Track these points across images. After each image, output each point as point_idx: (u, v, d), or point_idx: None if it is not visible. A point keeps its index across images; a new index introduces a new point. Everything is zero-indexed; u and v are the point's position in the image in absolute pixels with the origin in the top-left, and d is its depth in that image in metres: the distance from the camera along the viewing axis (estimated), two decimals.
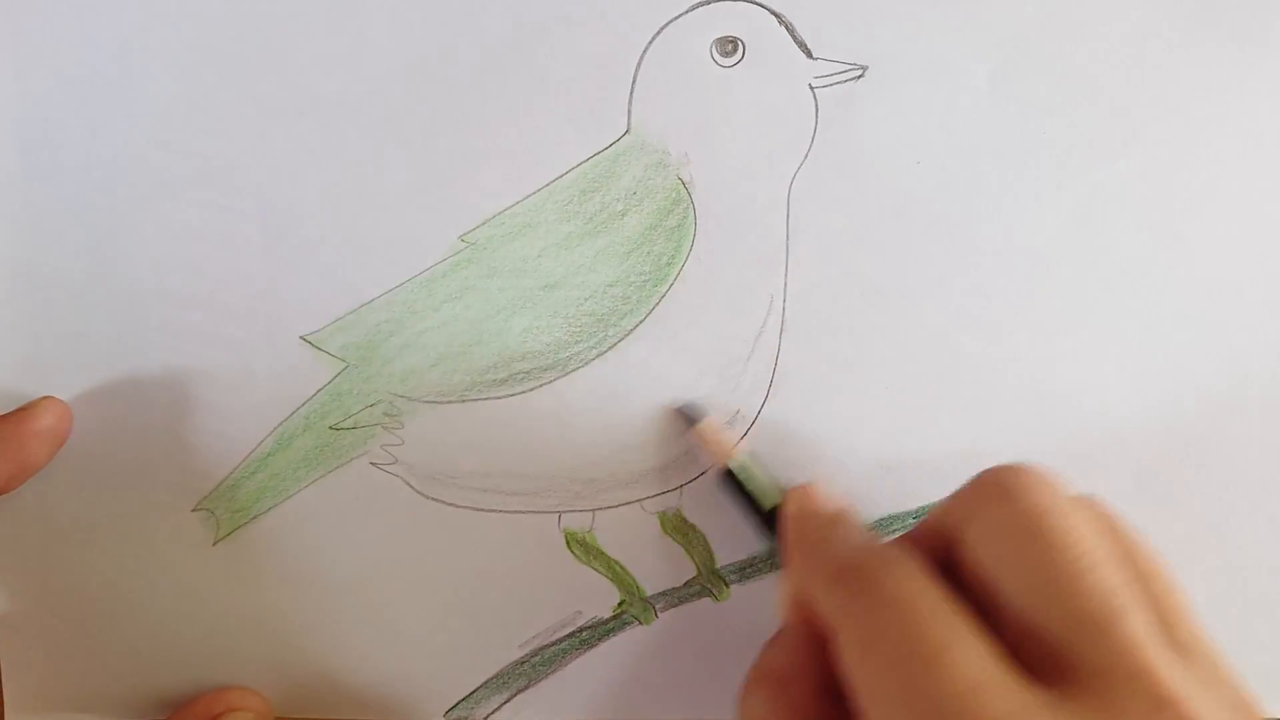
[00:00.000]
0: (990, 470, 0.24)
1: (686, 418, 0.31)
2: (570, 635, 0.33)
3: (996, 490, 0.24)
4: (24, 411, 0.30)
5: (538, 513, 0.32)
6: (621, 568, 0.32)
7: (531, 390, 0.31)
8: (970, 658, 0.21)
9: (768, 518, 0.29)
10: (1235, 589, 0.32)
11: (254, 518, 0.32)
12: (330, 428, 0.31)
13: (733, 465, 0.30)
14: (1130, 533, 0.24)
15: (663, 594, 0.32)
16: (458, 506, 0.32)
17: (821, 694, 0.25)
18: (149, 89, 0.30)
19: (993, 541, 0.23)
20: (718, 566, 0.32)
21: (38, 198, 0.30)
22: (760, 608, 0.32)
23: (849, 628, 0.23)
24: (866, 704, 0.22)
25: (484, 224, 0.31)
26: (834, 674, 0.24)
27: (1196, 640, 0.22)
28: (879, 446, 0.32)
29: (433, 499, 0.32)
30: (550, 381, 0.31)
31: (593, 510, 0.32)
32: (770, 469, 0.31)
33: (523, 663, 0.33)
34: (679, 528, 0.32)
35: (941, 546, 0.25)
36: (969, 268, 0.31)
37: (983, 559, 0.23)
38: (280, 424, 0.31)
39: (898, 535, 0.27)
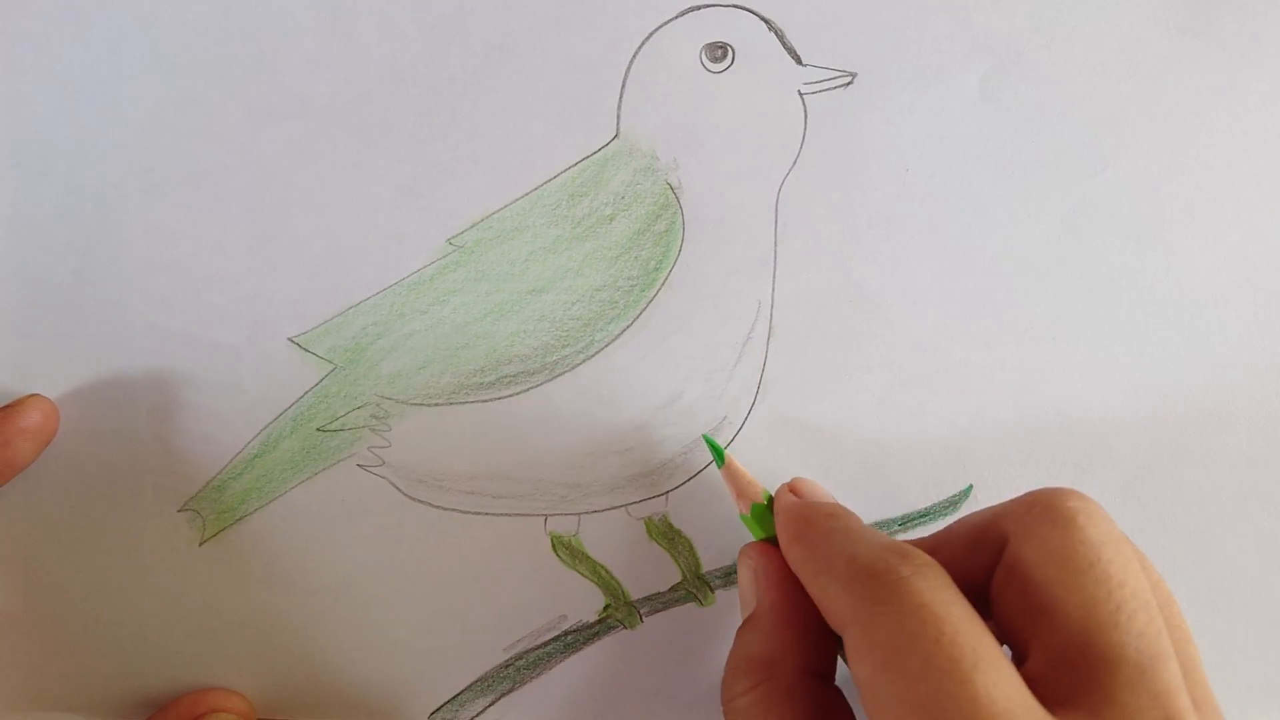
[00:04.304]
0: (1048, 492, 0.24)
1: (713, 451, 0.31)
2: (555, 639, 0.33)
3: (1058, 514, 0.23)
4: (10, 409, 0.30)
5: (524, 516, 0.32)
6: (607, 572, 0.32)
7: (518, 394, 0.31)
8: (1001, 680, 0.20)
9: None
10: (1220, 599, 0.32)
11: (240, 519, 0.32)
12: (317, 429, 0.31)
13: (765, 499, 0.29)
14: (1161, 580, 0.24)
15: (648, 598, 0.32)
16: (444, 509, 0.32)
17: (808, 674, 0.25)
18: (138, 91, 0.30)
19: (1047, 564, 0.22)
20: (703, 572, 0.32)
21: (27, 198, 0.30)
22: None
23: (868, 632, 0.22)
24: (878, 711, 0.21)
25: (472, 227, 0.31)
26: (818, 655, 0.24)
27: (1209, 698, 0.22)
28: (865, 453, 0.32)
29: (419, 501, 0.32)
30: (537, 385, 0.31)
31: (579, 514, 0.32)
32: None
33: (508, 665, 0.33)
34: (665, 533, 0.32)
35: (966, 558, 0.24)
36: (957, 275, 0.31)
37: (1032, 579, 0.22)
38: (267, 425, 0.31)
39: (913, 539, 0.27)
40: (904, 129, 0.31)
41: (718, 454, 0.30)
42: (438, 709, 0.33)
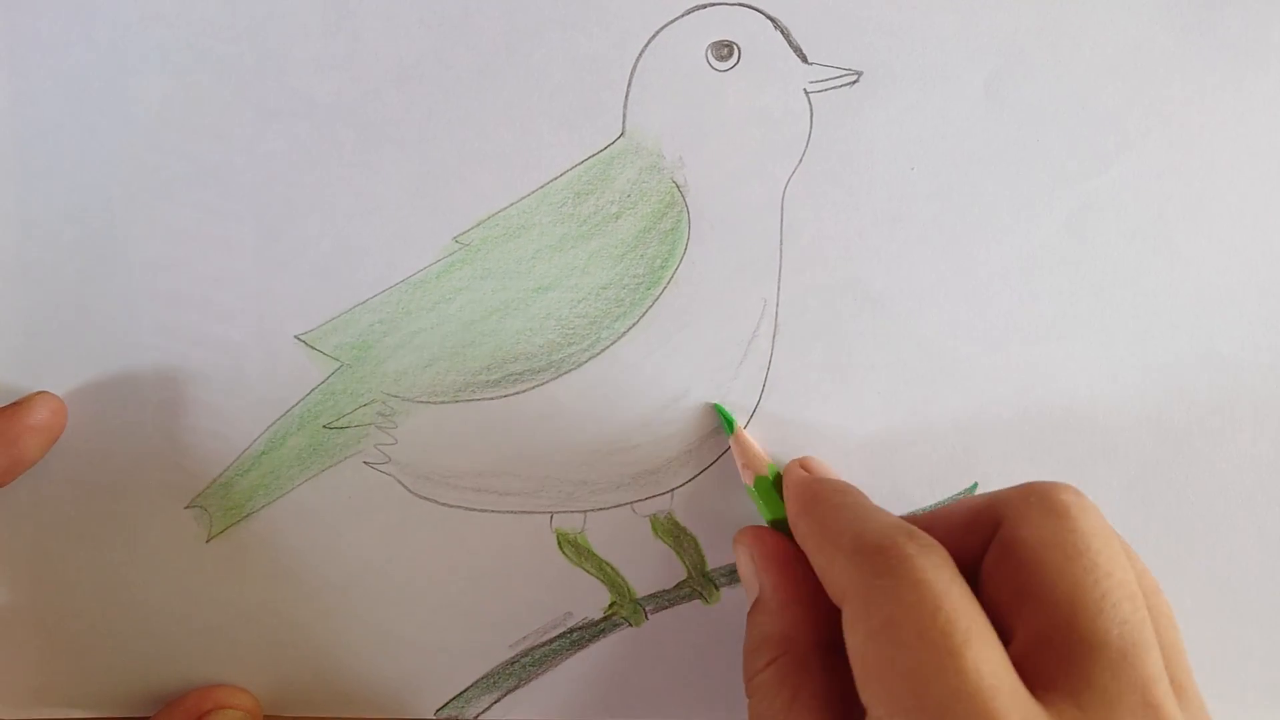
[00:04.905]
0: (1045, 484, 0.25)
1: (724, 420, 0.31)
2: (561, 636, 0.33)
3: (1053, 504, 0.24)
4: (18, 406, 0.30)
5: (530, 513, 0.32)
6: (612, 569, 0.32)
7: (524, 391, 0.31)
8: (991, 658, 0.21)
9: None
10: (1225, 598, 0.32)
11: (247, 516, 0.32)
12: (324, 427, 0.31)
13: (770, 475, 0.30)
14: (1146, 569, 0.25)
15: (653, 596, 0.33)
16: (450, 506, 0.32)
17: (819, 646, 0.26)
18: (144, 90, 0.30)
19: (1039, 549, 0.23)
20: (708, 569, 0.32)
21: (34, 196, 0.31)
22: None
23: (866, 603, 0.23)
24: (869, 681, 0.22)
25: (478, 225, 0.31)
26: (827, 627, 0.25)
27: (1190, 682, 0.23)
28: (869, 451, 0.32)
29: (425, 498, 0.32)
30: (543, 383, 0.31)
31: (585, 512, 0.32)
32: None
33: (513, 662, 0.33)
34: (670, 530, 0.32)
35: (960, 536, 0.25)
36: (962, 274, 0.31)
37: (1024, 562, 0.23)
38: (274, 423, 0.31)
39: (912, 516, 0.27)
40: (909, 128, 0.31)
41: (728, 422, 0.31)
42: (444, 705, 0.33)
